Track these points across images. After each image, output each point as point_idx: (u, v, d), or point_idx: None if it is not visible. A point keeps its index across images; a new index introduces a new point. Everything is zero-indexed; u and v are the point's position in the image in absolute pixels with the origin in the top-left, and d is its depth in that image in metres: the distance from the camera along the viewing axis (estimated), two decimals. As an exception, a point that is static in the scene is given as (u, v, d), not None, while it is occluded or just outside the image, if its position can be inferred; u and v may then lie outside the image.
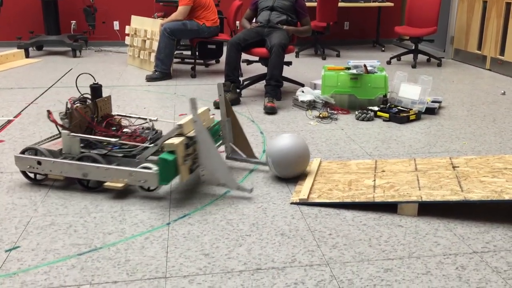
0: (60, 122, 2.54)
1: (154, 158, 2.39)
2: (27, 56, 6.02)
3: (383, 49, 7.19)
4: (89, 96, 2.71)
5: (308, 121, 3.69)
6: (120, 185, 2.33)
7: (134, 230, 2.07)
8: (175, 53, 5.14)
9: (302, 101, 4.01)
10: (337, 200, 2.28)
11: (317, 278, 1.74)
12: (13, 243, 1.96)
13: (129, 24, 5.66)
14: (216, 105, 3.99)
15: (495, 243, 1.97)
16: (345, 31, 7.68)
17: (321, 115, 3.76)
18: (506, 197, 2.09)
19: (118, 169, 2.32)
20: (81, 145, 2.48)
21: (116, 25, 7.01)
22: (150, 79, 4.91)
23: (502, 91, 4.63)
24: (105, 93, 2.92)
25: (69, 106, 2.53)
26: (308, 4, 5.74)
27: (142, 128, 2.73)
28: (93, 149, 2.50)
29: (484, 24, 5.84)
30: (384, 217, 2.18)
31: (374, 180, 2.44)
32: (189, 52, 5.84)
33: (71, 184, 2.48)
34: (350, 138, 3.30)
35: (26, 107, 3.96)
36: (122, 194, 2.40)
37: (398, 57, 6.25)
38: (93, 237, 2.02)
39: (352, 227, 2.10)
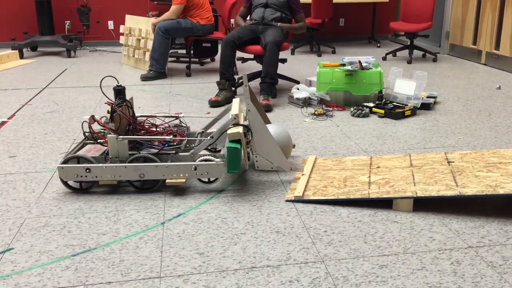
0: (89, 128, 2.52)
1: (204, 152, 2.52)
2: (21, 57, 6.00)
3: (378, 45, 7.18)
4: (113, 99, 2.65)
5: (304, 118, 3.68)
6: (183, 180, 2.36)
7: (129, 230, 2.06)
8: (170, 52, 5.13)
9: (297, 98, 4.00)
10: (332, 197, 2.27)
11: (312, 275, 1.73)
12: (7, 245, 1.95)
13: (123, 24, 5.64)
14: (212, 104, 3.98)
15: (490, 237, 1.97)
16: (340, 27, 7.67)
17: (316, 112, 3.75)
18: (501, 192, 2.08)
19: (178, 165, 2.35)
20: None
21: (111, 24, 6.98)
22: (145, 78, 4.90)
23: (498, 86, 4.63)
24: (99, 94, 2.90)
25: (111, 109, 2.47)
26: (302, 0, 5.72)
27: (175, 126, 2.77)
28: (141, 150, 2.50)
29: (479, 18, 5.84)
30: (379, 213, 2.18)
31: (369, 177, 2.44)
32: (184, 51, 5.82)
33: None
34: (345, 134, 3.30)
35: (20, 108, 3.94)
36: (117, 194, 2.39)
37: (394, 52, 6.24)
38: (87, 237, 2.01)
39: (347, 224, 2.09)
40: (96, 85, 4.63)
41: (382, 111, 3.70)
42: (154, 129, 2.66)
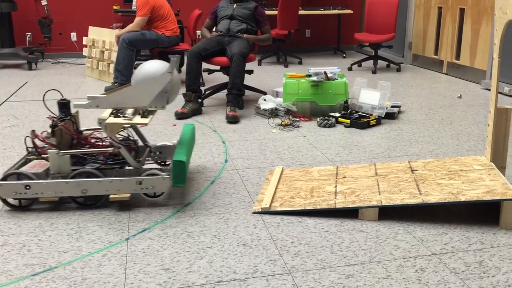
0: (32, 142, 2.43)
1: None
2: (-20, 69, 5.82)
3: (344, 55, 7.30)
4: (54, 113, 2.58)
5: (271, 129, 3.69)
6: (127, 195, 2.29)
7: (91, 247, 2.01)
8: (134, 63, 5.07)
9: (264, 109, 4.01)
10: (299, 208, 2.27)
11: (279, 287, 1.72)
12: (-39, 267, 1.86)
13: (86, 35, 5.55)
14: (178, 116, 3.94)
15: (453, 244, 2.00)
16: (306, 38, 7.76)
17: (283, 123, 3.77)
18: (462, 199, 2.13)
19: (123, 179, 2.27)
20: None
21: (74, 36, 6.86)
22: (109, 90, 4.81)
23: (459, 95, 4.76)
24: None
25: (52, 124, 2.40)
26: (268, 12, 5.78)
27: (127, 139, 2.66)
28: (84, 165, 2.42)
29: (440, 29, 6.01)
30: (346, 222, 2.19)
31: (336, 187, 2.45)
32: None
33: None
34: (312, 145, 3.32)
35: (-22, 123, 3.81)
36: (79, 210, 2.33)
37: (359, 63, 6.35)
38: (47, 256, 1.94)
39: (314, 234, 2.09)
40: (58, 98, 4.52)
41: (348, 121, 3.75)
42: (100, 143, 2.56)
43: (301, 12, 6.79)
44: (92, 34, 5.44)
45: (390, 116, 3.94)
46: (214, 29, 4.49)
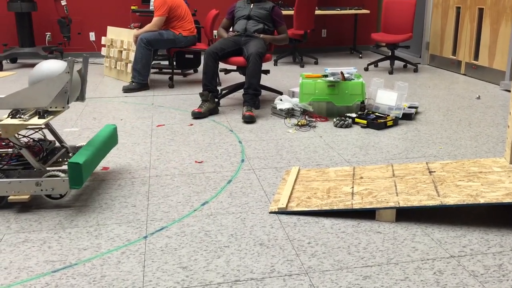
0: None
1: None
2: (0, 69, 5.92)
3: (360, 55, 7.26)
4: None
5: (287, 129, 3.69)
6: (26, 197, 2.29)
7: (110, 244, 2.03)
8: (152, 63, 5.11)
9: (280, 109, 4.01)
10: (316, 208, 2.27)
11: (296, 287, 1.73)
12: (-16, 262, 1.90)
13: (105, 35, 5.61)
14: (195, 115, 3.97)
15: (472, 246, 1.99)
16: (322, 38, 7.74)
17: (299, 123, 3.77)
18: (482, 201, 2.11)
19: (22, 181, 2.26)
20: None
21: (92, 36, 6.94)
22: (127, 90, 4.87)
23: (477, 96, 4.71)
24: (81, 105, 2.88)
25: None
26: (284, 12, 5.77)
27: (34, 140, 2.59)
28: None
29: (458, 29, 5.95)
30: (363, 223, 2.19)
31: (353, 187, 2.45)
32: (166, 62, 5.81)
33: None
34: (328, 145, 3.31)
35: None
36: (98, 208, 2.36)
37: (375, 63, 6.32)
38: (67, 253, 1.97)
39: (331, 235, 2.09)
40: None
41: (365, 122, 3.73)
42: (4, 144, 2.48)
43: (317, 12, 6.77)
44: (110, 34, 5.50)
45: (407, 117, 3.91)
46: (230, 29, 4.50)
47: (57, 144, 2.72)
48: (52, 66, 2.37)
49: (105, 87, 5.16)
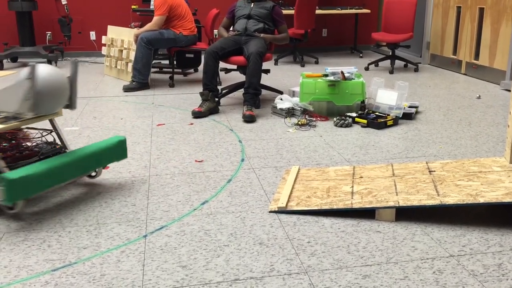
0: None
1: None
2: (1, 68, 5.93)
3: (361, 55, 7.26)
4: None
5: (287, 128, 3.69)
6: None
7: (110, 243, 2.04)
8: (152, 62, 5.11)
9: (280, 109, 4.01)
10: (316, 208, 2.27)
11: (295, 287, 1.73)
12: (-16, 261, 1.90)
13: (105, 34, 5.62)
14: (195, 114, 3.97)
15: (471, 246, 1.99)
16: (323, 38, 7.74)
17: (299, 122, 3.77)
18: (481, 200, 2.11)
19: None
20: None
21: (93, 35, 6.94)
22: (127, 89, 4.87)
23: (477, 95, 4.71)
24: (81, 105, 2.88)
25: None
26: (285, 11, 5.77)
27: (42, 143, 2.55)
28: None
29: (459, 29, 5.94)
30: (363, 223, 2.19)
31: (352, 187, 2.45)
32: (166, 61, 5.81)
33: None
34: (328, 144, 3.31)
35: None
36: (98, 207, 2.36)
37: (376, 63, 6.32)
38: (67, 252, 1.97)
39: (330, 234, 2.09)
40: (77, 96, 4.60)
41: (365, 121, 3.73)
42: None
43: (318, 11, 6.77)
44: (111, 33, 5.50)
45: (408, 116, 3.91)
46: (231, 29, 4.50)
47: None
48: (23, 71, 2.24)
49: (105, 86, 5.16)
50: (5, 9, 6.10)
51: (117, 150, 2.59)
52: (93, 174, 2.67)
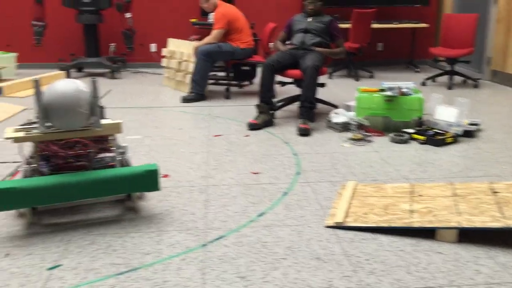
0: None
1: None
2: (68, 77, 6.25)
3: (417, 70, 7.12)
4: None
5: (342, 143, 3.68)
6: None
7: (171, 250, 2.10)
8: (209, 74, 5.23)
9: (335, 123, 4.01)
10: (374, 225, 2.25)
11: (354, 304, 1.72)
12: (55, 262, 2.01)
13: (165, 47, 5.81)
14: (250, 126, 4.03)
15: (540, 273, 1.91)
16: (378, 52, 7.66)
17: (355, 137, 3.75)
18: (551, 225, 2.02)
19: None
20: None
21: (153, 47, 7.20)
22: (185, 100, 5.01)
23: (543, 114, 4.50)
24: (142, 114, 2.98)
25: None
26: (341, 25, 5.76)
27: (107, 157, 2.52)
28: None
29: (523, 44, 5.72)
30: (422, 243, 2.15)
31: (411, 205, 2.41)
32: (222, 73, 5.92)
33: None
34: (384, 160, 3.27)
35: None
36: (159, 215, 2.45)
37: (433, 78, 6.18)
38: (131, 257, 2.05)
39: (389, 253, 2.07)
40: (138, 106, 4.78)
41: (423, 138, 3.66)
42: None
43: (374, 25, 6.71)
44: (171, 45, 5.68)
45: (468, 134, 3.80)
46: (287, 42, 4.55)
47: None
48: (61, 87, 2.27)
49: (164, 96, 5.33)
50: (73, 22, 6.44)
51: (144, 180, 2.34)
52: (123, 199, 2.55)
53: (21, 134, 2.31)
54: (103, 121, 2.42)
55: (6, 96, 5.17)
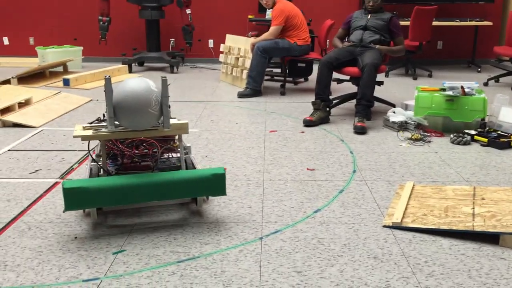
0: None
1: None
2: (130, 71, 6.47)
3: (479, 69, 6.86)
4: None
5: (400, 142, 3.62)
6: None
7: (229, 242, 2.16)
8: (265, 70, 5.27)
9: (393, 122, 3.94)
10: (433, 226, 2.21)
11: (412, 305, 1.70)
12: (120, 247, 2.12)
13: (223, 42, 5.90)
14: (306, 123, 4.03)
15: None
16: (438, 50, 7.43)
17: (413, 137, 3.67)
18: None
19: None
20: None
21: (211, 43, 7.32)
22: (241, 95, 5.08)
23: None
24: (200, 108, 3.04)
25: None
26: (401, 23, 5.64)
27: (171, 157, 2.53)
28: None
29: None
30: (485, 248, 2.09)
31: (473, 208, 2.34)
32: (278, 70, 5.95)
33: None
34: (444, 162, 3.19)
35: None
36: (217, 206, 2.51)
37: (497, 78, 5.93)
38: (191, 246, 2.12)
39: (449, 256, 2.03)
40: (196, 100, 4.89)
41: (485, 140, 3.54)
42: None
43: (435, 23, 6.52)
44: (228, 41, 5.77)
45: (535, 137, 3.63)
46: (345, 39, 4.51)
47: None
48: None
49: (221, 91, 5.42)
50: (136, 17, 6.67)
51: (211, 184, 2.27)
52: (190, 202, 2.50)
53: (89, 132, 2.27)
54: (171, 121, 2.34)
55: (73, 87, 5.44)
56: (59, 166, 3.07)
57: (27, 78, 5.69)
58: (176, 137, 2.53)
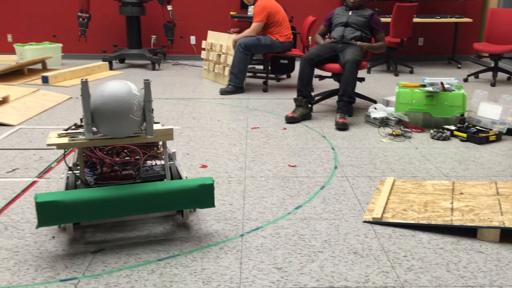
0: None
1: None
2: (110, 68, 6.40)
3: (459, 66, 6.94)
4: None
5: (381, 138, 3.64)
6: None
7: (210, 239, 2.14)
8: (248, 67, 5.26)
9: (374, 118, 3.96)
10: (412, 221, 2.23)
11: (391, 300, 1.72)
12: (99, 246, 2.09)
13: (205, 39, 5.87)
14: (288, 120, 4.03)
15: None
16: (419, 47, 7.49)
17: (394, 133, 3.70)
18: None
19: None
20: None
21: (193, 39, 7.28)
22: (224, 92, 5.06)
23: None
24: (182, 105, 3.02)
25: None
26: (381, 19, 5.67)
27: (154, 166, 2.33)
28: None
29: None
30: (463, 241, 2.11)
31: (452, 203, 2.37)
32: (261, 67, 5.95)
33: None
34: (425, 157, 3.22)
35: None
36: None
37: (476, 74, 6.01)
38: (171, 244, 2.11)
39: (428, 250, 2.05)
40: (178, 97, 4.86)
41: (465, 135, 3.58)
42: None
43: (416, 20, 6.57)
44: (210, 38, 5.74)
45: (512, 132, 3.69)
46: (327, 36, 4.52)
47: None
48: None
49: (203, 88, 5.39)
50: (117, 14, 6.59)
51: (199, 195, 2.11)
52: (176, 214, 2.34)
53: (64, 140, 2.06)
54: (154, 127, 2.15)
55: (52, 85, 5.35)
56: (37, 165, 3.03)
57: (4, 76, 5.59)
58: (160, 143, 2.35)
